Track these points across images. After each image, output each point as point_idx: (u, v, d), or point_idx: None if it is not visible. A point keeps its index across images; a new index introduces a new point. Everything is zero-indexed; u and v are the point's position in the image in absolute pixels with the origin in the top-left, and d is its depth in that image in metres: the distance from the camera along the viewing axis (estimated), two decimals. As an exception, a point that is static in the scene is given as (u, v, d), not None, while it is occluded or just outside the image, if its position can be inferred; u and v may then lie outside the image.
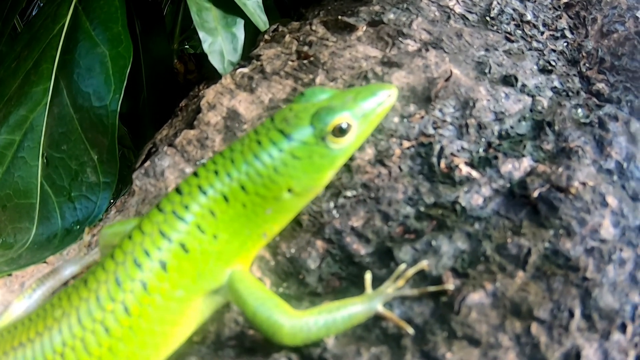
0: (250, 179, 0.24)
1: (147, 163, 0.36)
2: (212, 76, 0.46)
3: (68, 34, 0.50)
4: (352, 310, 0.25)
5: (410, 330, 0.25)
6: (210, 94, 0.38)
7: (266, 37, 0.43)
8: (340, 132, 0.25)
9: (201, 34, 0.44)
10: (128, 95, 0.48)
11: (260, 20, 0.46)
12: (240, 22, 0.45)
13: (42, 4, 0.64)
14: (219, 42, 0.44)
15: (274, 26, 0.44)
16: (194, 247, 0.24)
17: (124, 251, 0.24)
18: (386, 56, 0.36)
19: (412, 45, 0.37)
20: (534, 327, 0.26)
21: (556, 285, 0.28)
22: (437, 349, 0.24)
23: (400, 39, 0.38)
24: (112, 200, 0.48)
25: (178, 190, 0.25)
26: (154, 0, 0.51)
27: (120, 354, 0.23)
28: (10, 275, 0.40)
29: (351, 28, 0.39)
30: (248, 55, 0.42)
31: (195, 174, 0.26)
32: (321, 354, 0.24)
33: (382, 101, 0.27)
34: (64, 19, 0.50)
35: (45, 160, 0.52)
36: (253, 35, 0.48)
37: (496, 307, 0.26)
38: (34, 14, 0.65)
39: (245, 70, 0.39)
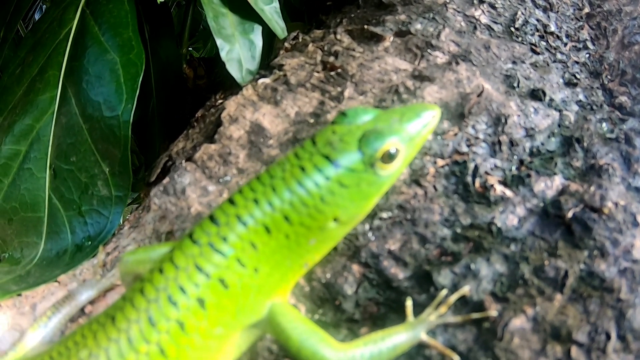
0: (294, 209, 0.23)
1: (166, 180, 0.35)
2: (223, 82, 0.45)
3: (75, 39, 0.48)
4: (396, 340, 0.24)
5: (456, 358, 0.24)
6: (231, 105, 0.37)
7: (286, 45, 0.42)
8: (389, 157, 0.24)
9: (218, 41, 0.42)
10: (137, 101, 0.47)
11: (279, 26, 0.44)
12: (258, 29, 0.44)
13: (45, 7, 0.61)
14: (237, 50, 0.43)
15: (294, 34, 0.43)
16: (234, 282, 0.22)
17: (156, 287, 0.22)
18: (416, 69, 0.35)
19: (441, 58, 0.37)
20: (574, 351, 0.26)
21: (592, 307, 0.28)
22: (485, 379, 0.24)
23: (429, 50, 0.37)
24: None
25: (213, 219, 0.24)
26: (162, 3, 0.49)
27: None
28: (19, 295, 0.38)
29: (378, 38, 0.38)
30: (268, 64, 0.41)
31: (231, 201, 0.24)
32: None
33: (427, 123, 0.26)
34: (70, 23, 0.48)
35: (53, 172, 0.49)
36: (269, 42, 0.47)
37: (537, 332, 0.26)
38: (36, 17, 0.63)
39: (267, 80, 0.38)
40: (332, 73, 0.36)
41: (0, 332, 0.35)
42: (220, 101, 0.42)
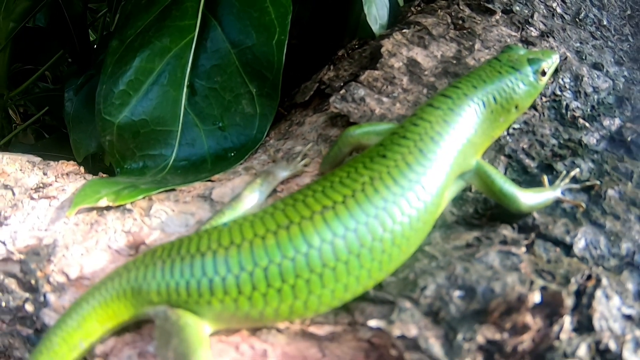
0: (498, 93, 0.36)
1: (342, 91, 0.46)
2: (351, 33, 0.55)
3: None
4: (548, 195, 0.37)
5: (583, 205, 0.38)
6: (387, 44, 0.49)
7: (412, 9, 0.55)
8: (542, 74, 0.38)
9: (363, -1, 0.53)
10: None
11: (402, -6, 0.57)
12: (387, -8, 0.56)
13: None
14: (374, 7, 0.55)
15: (417, 1, 0.55)
16: (468, 138, 0.34)
17: (413, 142, 0.32)
18: (522, 37, 0.50)
19: (535, 32, 0.51)
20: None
21: None
22: (597, 218, 0.38)
23: (526, 25, 0.51)
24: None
25: (444, 95, 0.35)
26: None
27: (414, 241, 0.31)
28: (174, 190, 0.43)
29: (491, 12, 0.52)
30: (405, 21, 0.53)
31: (455, 86, 0.36)
32: (533, 222, 0.36)
33: (555, 61, 0.40)
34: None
35: (190, 90, 0.54)
36: (391, 7, 0.58)
37: (622, 200, 0.40)
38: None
39: (410, 31, 0.50)
40: (464, 31, 0.49)
41: (165, 217, 0.41)
42: (359, 44, 0.53)
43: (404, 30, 0.50)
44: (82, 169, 0.49)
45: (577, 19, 0.55)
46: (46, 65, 0.93)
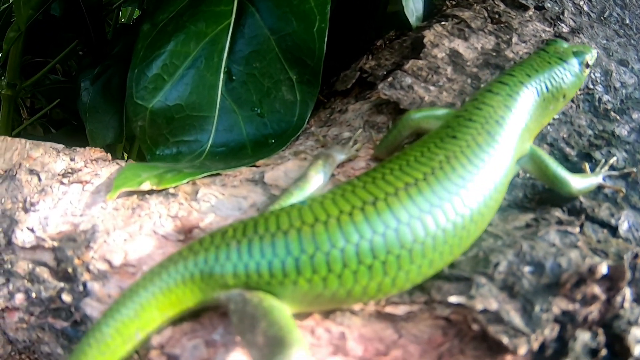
0: (550, 82, 0.38)
1: (390, 78, 0.47)
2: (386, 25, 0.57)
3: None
4: (592, 180, 0.40)
5: (623, 190, 0.40)
6: (429, 35, 0.50)
7: (447, 3, 0.56)
8: (586, 66, 0.40)
9: (405, -8, 0.55)
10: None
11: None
12: (424, -12, 0.57)
13: None
14: (412, 1, 0.56)
15: (451, -4, 0.57)
16: (526, 123, 0.36)
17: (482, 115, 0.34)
18: (556, 33, 0.52)
19: (566, 28, 0.53)
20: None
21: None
22: (636, 202, 0.40)
23: (558, 22, 0.54)
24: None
25: (502, 82, 0.37)
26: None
27: (486, 218, 0.32)
28: (219, 174, 0.42)
29: (524, 8, 0.54)
30: (442, 14, 0.54)
31: (510, 74, 0.38)
32: (580, 206, 0.39)
33: (594, 55, 0.42)
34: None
35: (227, 76, 0.53)
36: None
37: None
38: None
39: (449, 23, 0.52)
40: (501, 25, 0.51)
41: (215, 201, 0.40)
42: (396, 35, 0.55)
43: (443, 23, 0.52)
44: (109, 155, 0.47)
45: (602, 17, 0.58)
46: (59, 57, 0.92)
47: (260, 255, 0.27)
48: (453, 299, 0.28)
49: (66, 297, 0.35)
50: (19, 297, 0.38)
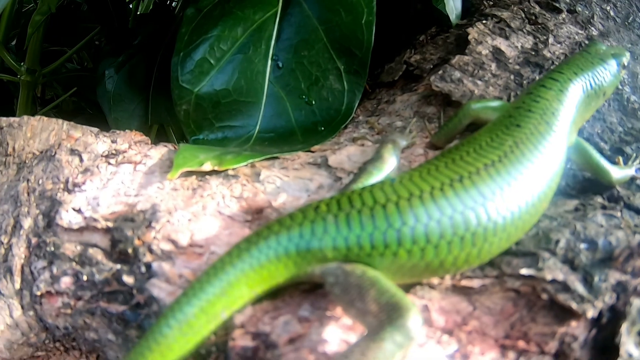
0: (593, 80, 0.42)
1: (440, 71, 0.50)
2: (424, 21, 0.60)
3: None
4: (627, 172, 0.44)
5: (654, 184, 0.44)
6: (473, 32, 0.54)
7: (485, 3, 0.60)
8: (623, 67, 0.44)
9: (447, -10, 0.58)
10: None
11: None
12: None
13: None
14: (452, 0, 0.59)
15: (489, -4, 0.60)
16: (574, 116, 0.40)
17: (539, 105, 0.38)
18: (588, 35, 0.56)
19: (595, 32, 0.57)
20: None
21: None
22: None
23: (589, 25, 0.57)
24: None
25: (552, 78, 0.40)
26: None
27: (548, 199, 0.35)
28: (277, 158, 0.43)
29: (558, 10, 0.58)
30: (481, 13, 0.58)
31: (559, 71, 0.41)
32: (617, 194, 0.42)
33: (629, 58, 0.46)
34: None
35: (275, 63, 0.54)
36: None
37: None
38: None
39: (490, 22, 0.55)
40: (538, 26, 0.55)
41: (280, 182, 0.40)
42: (437, 31, 0.58)
43: (484, 21, 0.55)
44: (149, 139, 0.46)
45: (626, 22, 0.62)
46: (79, 44, 0.92)
47: (360, 228, 0.28)
48: (524, 271, 0.32)
49: (128, 279, 0.34)
50: (65, 281, 0.36)
